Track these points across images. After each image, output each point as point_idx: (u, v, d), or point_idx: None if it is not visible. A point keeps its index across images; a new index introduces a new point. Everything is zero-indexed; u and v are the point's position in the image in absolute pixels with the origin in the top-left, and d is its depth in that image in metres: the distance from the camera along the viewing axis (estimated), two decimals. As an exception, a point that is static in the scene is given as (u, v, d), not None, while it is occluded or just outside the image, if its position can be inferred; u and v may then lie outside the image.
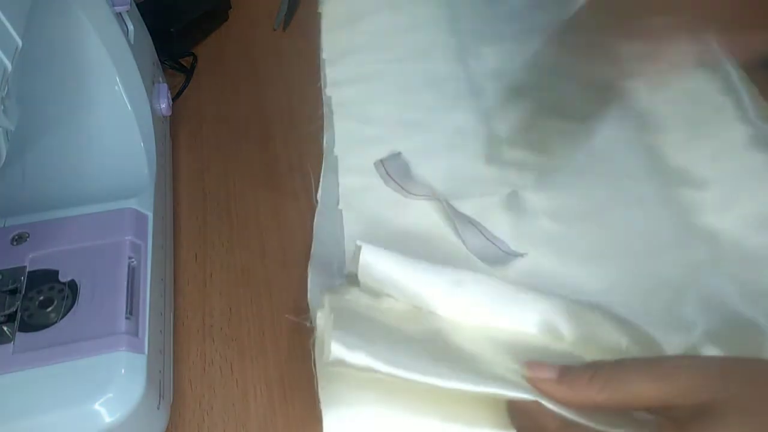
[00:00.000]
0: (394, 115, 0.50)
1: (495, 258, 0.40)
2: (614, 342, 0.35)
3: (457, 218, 0.42)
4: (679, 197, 0.44)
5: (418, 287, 0.36)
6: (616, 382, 0.29)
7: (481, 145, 0.48)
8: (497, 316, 0.36)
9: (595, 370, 0.30)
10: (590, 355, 0.35)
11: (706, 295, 0.39)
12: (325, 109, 0.51)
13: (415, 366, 0.31)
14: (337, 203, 0.44)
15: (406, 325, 0.36)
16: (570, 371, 0.30)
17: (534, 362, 0.31)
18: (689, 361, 0.30)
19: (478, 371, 0.32)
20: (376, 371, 0.31)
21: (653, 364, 0.30)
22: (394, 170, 0.45)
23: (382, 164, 0.46)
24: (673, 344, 0.36)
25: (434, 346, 0.34)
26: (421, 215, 0.44)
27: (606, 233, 0.42)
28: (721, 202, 0.44)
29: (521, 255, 0.40)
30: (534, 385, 0.30)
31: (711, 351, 0.35)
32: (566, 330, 0.36)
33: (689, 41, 0.39)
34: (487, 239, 0.41)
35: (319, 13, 0.60)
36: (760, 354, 0.36)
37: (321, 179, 0.46)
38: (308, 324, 0.37)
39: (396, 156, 0.46)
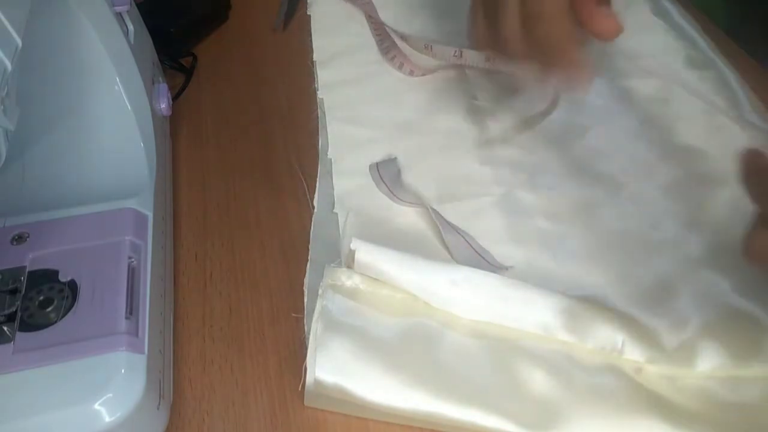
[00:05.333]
0: (386, 116, 0.50)
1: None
2: (610, 340, 0.35)
3: (444, 228, 0.42)
4: (676, 196, 0.44)
5: (414, 287, 0.37)
6: None
7: (474, 146, 0.48)
8: (492, 314, 0.36)
9: None
10: (585, 353, 0.35)
11: (700, 290, 0.39)
12: (318, 112, 0.51)
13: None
14: (333, 206, 0.44)
15: (402, 322, 0.36)
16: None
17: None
18: None
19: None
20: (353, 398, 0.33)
21: None
22: (387, 174, 0.45)
23: (376, 167, 0.46)
24: (669, 339, 0.36)
25: (423, 364, 0.35)
26: (417, 217, 0.44)
27: (600, 231, 0.43)
28: (717, 201, 0.44)
29: (507, 268, 0.40)
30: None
31: (709, 345, 0.36)
32: (561, 328, 0.36)
33: None
34: (475, 251, 0.41)
35: (309, 15, 0.60)
36: (758, 348, 0.36)
37: (317, 182, 0.46)
38: (305, 329, 0.38)
39: (392, 161, 0.46)
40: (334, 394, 0.34)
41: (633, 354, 0.35)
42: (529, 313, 0.36)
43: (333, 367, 0.34)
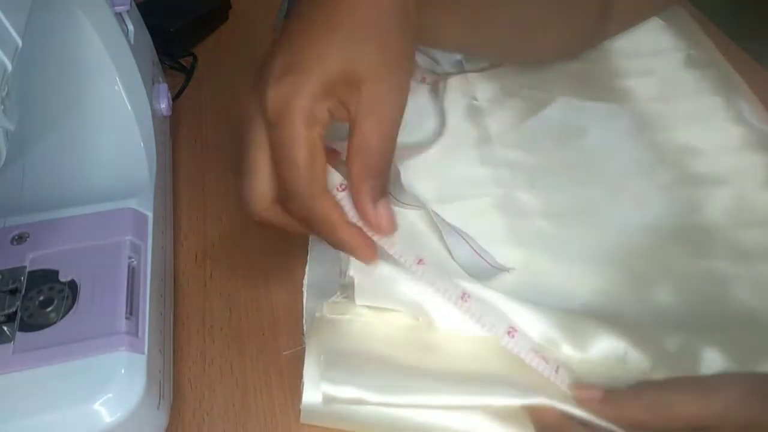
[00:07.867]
0: None
1: (481, 271, 0.40)
2: (613, 347, 0.34)
3: (444, 229, 0.41)
4: (675, 196, 0.44)
5: (415, 310, 0.36)
6: (661, 400, 0.30)
7: (474, 146, 0.48)
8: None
9: (640, 388, 0.31)
10: (587, 369, 0.35)
11: (701, 293, 0.39)
12: None
13: (409, 387, 0.32)
14: None
15: (403, 345, 0.35)
16: (615, 391, 0.31)
17: (580, 383, 0.32)
18: (732, 378, 0.31)
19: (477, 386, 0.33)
20: (367, 402, 0.33)
21: (697, 380, 0.31)
22: None
23: None
24: (670, 343, 0.36)
25: (431, 365, 0.34)
26: (417, 218, 0.43)
27: (600, 231, 0.43)
28: (716, 201, 0.44)
29: (507, 270, 0.40)
30: (581, 404, 0.31)
31: (708, 349, 0.35)
32: (563, 340, 0.35)
33: None
34: (475, 251, 0.41)
35: None
36: (757, 350, 0.36)
37: None
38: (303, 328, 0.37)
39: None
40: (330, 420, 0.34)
41: (636, 360, 0.35)
42: (531, 329, 0.35)
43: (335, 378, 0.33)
